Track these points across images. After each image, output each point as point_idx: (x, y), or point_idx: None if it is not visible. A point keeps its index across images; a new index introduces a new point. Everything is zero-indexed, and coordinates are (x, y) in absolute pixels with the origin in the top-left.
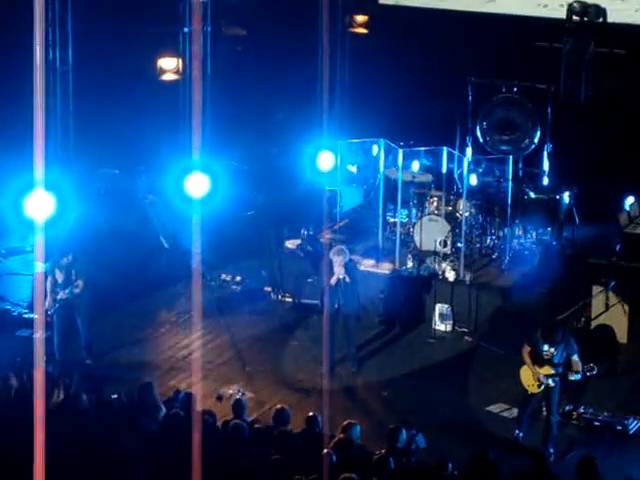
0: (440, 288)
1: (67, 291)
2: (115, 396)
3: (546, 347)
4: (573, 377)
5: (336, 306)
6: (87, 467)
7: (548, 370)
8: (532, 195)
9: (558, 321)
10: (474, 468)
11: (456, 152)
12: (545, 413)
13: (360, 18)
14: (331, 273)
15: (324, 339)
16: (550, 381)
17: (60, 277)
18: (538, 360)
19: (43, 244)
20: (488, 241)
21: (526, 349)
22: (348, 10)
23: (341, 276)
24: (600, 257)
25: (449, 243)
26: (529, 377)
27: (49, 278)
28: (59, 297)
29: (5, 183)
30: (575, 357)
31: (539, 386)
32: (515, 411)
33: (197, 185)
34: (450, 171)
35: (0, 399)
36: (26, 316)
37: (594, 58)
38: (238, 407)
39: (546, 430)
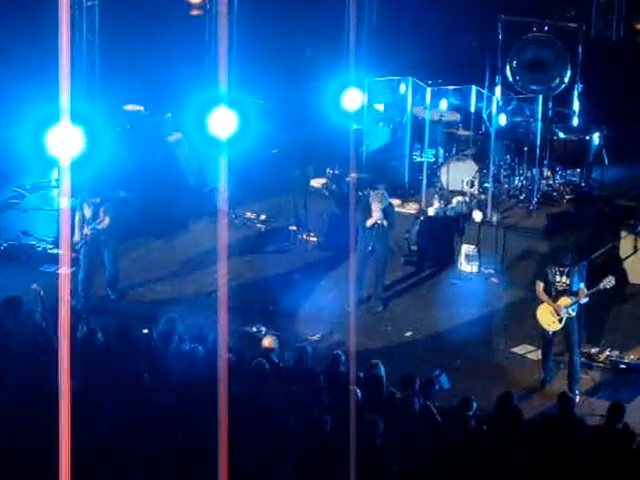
0: (467, 229)
1: (91, 227)
2: (146, 331)
3: (558, 278)
4: (582, 301)
5: (369, 248)
6: (109, 404)
7: (566, 301)
8: (561, 135)
9: (567, 246)
10: (499, 410)
11: (485, 91)
12: (567, 354)
13: None
14: (369, 216)
15: (350, 278)
16: (571, 310)
17: (88, 213)
18: (554, 293)
19: (70, 179)
20: (516, 182)
21: (539, 286)
22: None
23: (379, 221)
24: (629, 199)
25: (476, 184)
26: (548, 315)
27: (77, 214)
28: (84, 233)
29: (26, 115)
30: (582, 285)
31: (560, 321)
32: (540, 353)
33: (224, 123)
34: (479, 110)
35: (26, 334)
36: (51, 252)
37: None
38: (269, 346)
39: (570, 372)
